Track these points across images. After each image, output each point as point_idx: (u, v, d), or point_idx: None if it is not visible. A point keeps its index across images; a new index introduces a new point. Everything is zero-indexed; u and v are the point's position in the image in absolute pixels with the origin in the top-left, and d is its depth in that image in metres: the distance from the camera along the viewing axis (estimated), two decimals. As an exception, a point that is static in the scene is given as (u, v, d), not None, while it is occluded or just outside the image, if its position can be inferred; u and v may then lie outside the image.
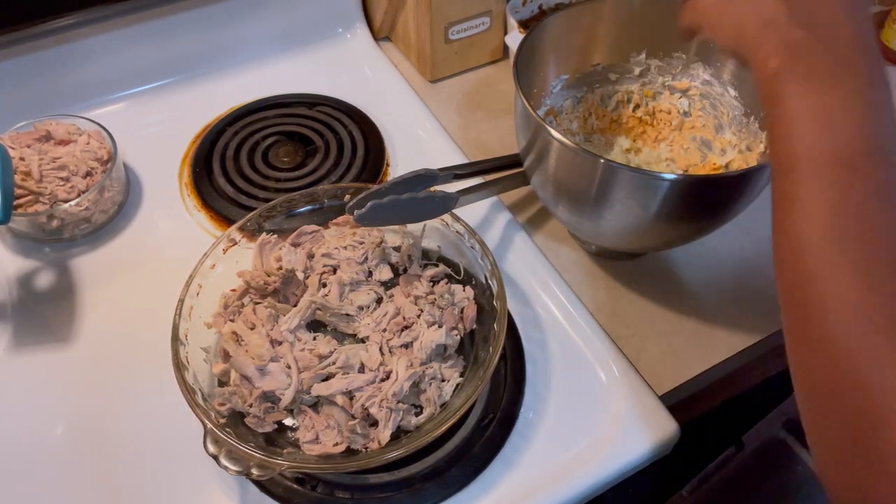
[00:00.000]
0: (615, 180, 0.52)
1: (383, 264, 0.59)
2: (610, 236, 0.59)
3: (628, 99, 0.70)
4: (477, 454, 0.53)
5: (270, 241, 0.59)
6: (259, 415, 0.50)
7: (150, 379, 0.56)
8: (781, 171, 0.35)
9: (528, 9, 0.82)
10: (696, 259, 0.66)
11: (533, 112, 0.53)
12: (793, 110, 0.35)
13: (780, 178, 0.36)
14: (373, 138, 0.76)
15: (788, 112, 0.35)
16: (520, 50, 0.58)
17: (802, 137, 0.34)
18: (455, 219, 0.58)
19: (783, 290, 0.35)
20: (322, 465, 0.48)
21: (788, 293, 0.35)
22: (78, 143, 0.67)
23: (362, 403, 0.50)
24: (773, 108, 0.36)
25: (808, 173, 0.34)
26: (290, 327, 0.54)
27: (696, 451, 0.63)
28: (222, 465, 0.45)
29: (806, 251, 0.33)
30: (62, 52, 0.73)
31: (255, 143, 0.75)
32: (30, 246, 0.66)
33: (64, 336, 0.60)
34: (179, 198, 0.71)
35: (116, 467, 0.52)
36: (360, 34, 0.88)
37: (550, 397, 0.56)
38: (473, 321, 0.56)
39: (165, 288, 0.57)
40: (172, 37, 0.78)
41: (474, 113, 0.80)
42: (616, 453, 0.53)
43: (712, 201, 0.54)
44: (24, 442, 0.54)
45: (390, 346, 0.54)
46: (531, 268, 0.64)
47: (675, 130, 0.69)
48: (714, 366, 0.59)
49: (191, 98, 0.80)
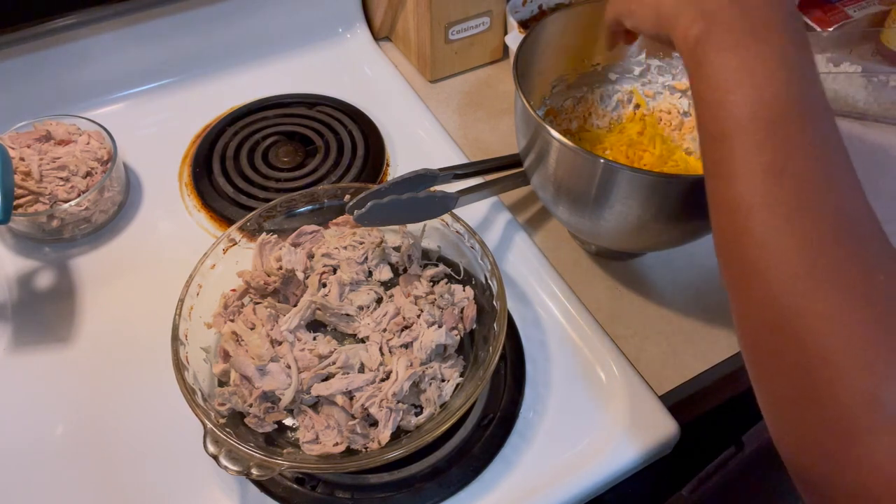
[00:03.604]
0: (615, 180, 0.52)
1: (383, 264, 0.59)
2: (610, 236, 0.59)
3: (628, 99, 0.70)
4: (477, 454, 0.53)
5: (270, 241, 0.59)
6: (259, 415, 0.50)
7: (150, 379, 0.56)
8: (710, 139, 0.35)
9: (528, 9, 0.82)
10: (696, 259, 0.66)
11: (533, 112, 0.53)
12: (715, 74, 0.35)
13: (709, 145, 0.36)
14: (373, 138, 0.76)
15: (711, 77, 0.35)
16: (520, 50, 0.58)
17: (727, 101, 0.34)
18: (455, 219, 0.58)
19: (722, 255, 0.35)
20: (322, 465, 0.48)
21: (728, 257, 0.35)
22: (78, 143, 0.67)
23: (362, 403, 0.50)
24: (697, 76, 0.36)
25: (737, 136, 0.34)
26: (290, 327, 0.54)
27: (696, 451, 0.62)
28: (222, 465, 0.45)
29: (743, 214, 0.33)
30: (62, 52, 0.73)
31: (255, 143, 0.75)
32: (30, 246, 0.66)
33: (64, 336, 0.60)
34: (179, 198, 0.71)
35: (116, 467, 0.52)
36: (360, 34, 0.88)
37: (550, 397, 0.56)
38: (473, 321, 0.56)
39: (165, 288, 0.57)
40: (172, 37, 0.78)
41: (474, 113, 0.80)
42: (616, 453, 0.53)
43: (712, 201, 0.54)
44: (24, 442, 0.54)
45: (390, 346, 0.54)
46: (531, 268, 0.64)
47: (675, 130, 0.69)
48: (714, 366, 0.59)
49: (191, 98, 0.80)
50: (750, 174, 0.33)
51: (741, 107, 0.34)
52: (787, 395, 0.32)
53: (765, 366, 0.33)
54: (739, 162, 0.33)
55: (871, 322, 0.29)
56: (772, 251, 0.32)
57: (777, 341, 0.32)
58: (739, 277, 0.34)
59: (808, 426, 0.31)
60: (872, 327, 0.29)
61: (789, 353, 0.31)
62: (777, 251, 0.32)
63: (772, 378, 0.33)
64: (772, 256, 0.32)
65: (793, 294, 0.31)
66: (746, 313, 0.34)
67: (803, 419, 0.31)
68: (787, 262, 0.31)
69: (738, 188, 0.33)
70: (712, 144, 0.35)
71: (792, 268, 0.31)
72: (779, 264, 0.32)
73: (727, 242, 0.35)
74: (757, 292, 0.32)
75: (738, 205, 0.33)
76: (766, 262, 0.32)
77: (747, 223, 0.33)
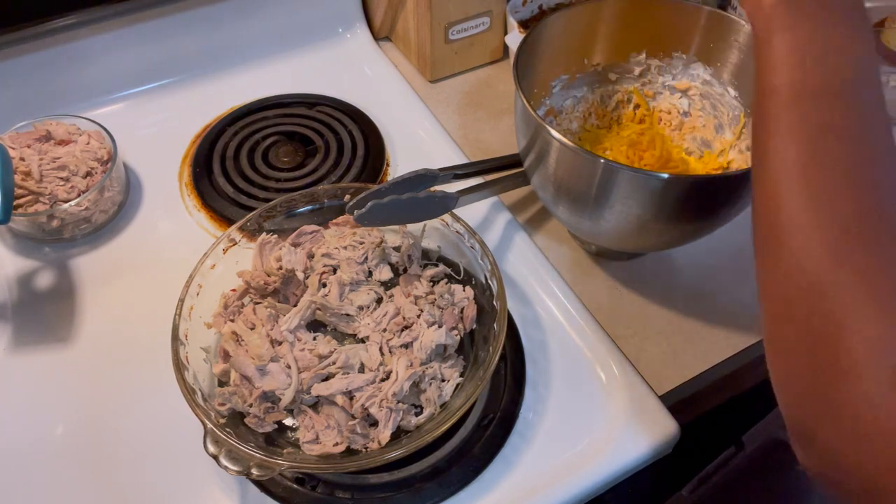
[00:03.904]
0: (615, 180, 0.52)
1: (383, 264, 0.59)
2: (610, 236, 0.59)
3: (628, 99, 0.70)
4: (477, 454, 0.53)
5: (270, 241, 0.59)
6: (259, 415, 0.50)
7: (150, 379, 0.56)
8: (762, 101, 0.37)
9: (528, 9, 0.82)
10: (696, 259, 0.66)
11: (533, 112, 0.53)
12: (777, 45, 0.37)
13: (762, 106, 0.37)
14: (373, 138, 0.76)
15: (774, 47, 0.37)
16: (520, 50, 0.58)
17: (782, 70, 0.36)
18: (455, 219, 0.58)
19: (757, 218, 0.37)
20: (322, 465, 0.48)
21: (762, 219, 0.36)
22: (78, 143, 0.67)
23: (362, 403, 0.50)
24: (761, 47, 0.38)
25: (786, 105, 0.35)
26: (290, 327, 0.54)
27: (696, 451, 0.62)
28: (222, 465, 0.45)
29: (780, 179, 0.35)
30: (62, 52, 0.73)
31: (255, 143, 0.75)
32: (30, 246, 0.66)
33: (64, 336, 0.60)
34: (179, 198, 0.71)
35: (116, 467, 0.52)
36: (360, 34, 0.88)
37: (550, 397, 0.56)
38: (473, 321, 0.56)
39: (165, 288, 0.57)
40: (172, 37, 0.78)
41: (474, 113, 0.80)
42: (616, 453, 0.53)
43: (712, 201, 0.54)
44: (24, 442, 0.54)
45: (390, 346, 0.54)
46: (531, 268, 0.64)
47: (675, 130, 0.69)
48: (714, 366, 0.59)
49: (191, 98, 0.80)
50: (791, 141, 0.35)
51: (794, 80, 0.35)
52: (799, 340, 0.33)
53: (780, 315, 0.34)
54: (783, 129, 0.35)
55: (892, 281, 0.31)
56: (797, 215, 0.33)
57: (796, 289, 0.33)
58: (769, 239, 0.35)
59: (813, 369, 0.32)
60: (891, 284, 0.31)
61: (808, 300, 0.32)
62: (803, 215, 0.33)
63: (786, 323, 0.34)
64: (798, 219, 0.33)
65: (814, 259, 0.32)
66: (773, 265, 0.35)
67: (810, 363, 0.32)
68: (813, 225, 0.33)
69: (779, 152, 0.35)
70: (763, 105, 0.37)
71: (823, 232, 0.33)
72: (806, 229, 0.33)
73: (761, 200, 0.36)
74: (785, 253, 0.34)
75: (774, 167, 0.35)
76: (794, 224, 0.34)
77: (780, 187, 0.35)
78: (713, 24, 0.63)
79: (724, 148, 0.66)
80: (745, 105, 0.64)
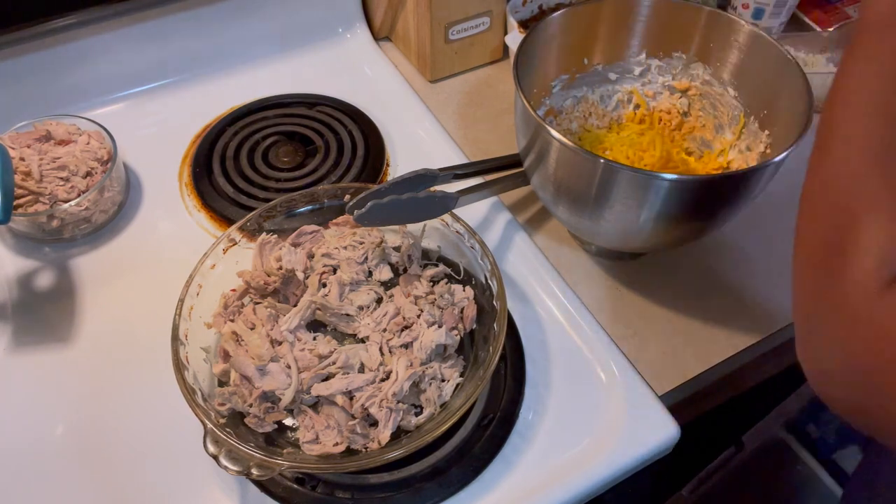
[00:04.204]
0: (615, 180, 0.52)
1: (383, 264, 0.59)
2: (610, 236, 0.59)
3: (628, 99, 0.70)
4: (477, 454, 0.53)
5: (270, 241, 0.59)
6: (259, 415, 0.50)
7: (150, 379, 0.56)
8: (855, 34, 0.38)
9: (528, 9, 0.82)
10: (696, 259, 0.66)
11: (533, 112, 0.53)
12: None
13: (853, 37, 0.38)
14: (373, 138, 0.76)
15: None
16: (520, 50, 0.58)
17: (876, 3, 0.38)
18: (455, 219, 0.58)
19: (817, 134, 0.38)
20: (322, 465, 0.48)
21: (818, 133, 0.38)
22: (78, 143, 0.67)
23: (362, 403, 0.50)
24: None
25: (875, 32, 0.37)
26: (290, 327, 0.54)
27: (696, 451, 0.63)
28: (222, 465, 0.45)
29: (843, 96, 0.37)
30: (62, 52, 0.73)
31: (255, 143, 0.75)
32: (30, 246, 0.66)
33: (64, 336, 0.60)
34: (179, 198, 0.71)
35: (116, 467, 0.52)
36: (360, 34, 0.88)
37: (550, 397, 0.56)
38: (473, 321, 0.56)
39: (165, 288, 0.57)
40: (172, 37, 0.78)
41: (474, 113, 0.80)
42: (616, 453, 0.53)
43: (712, 201, 0.54)
44: (24, 442, 0.54)
45: (390, 346, 0.54)
46: (531, 268, 0.64)
47: (675, 130, 0.69)
48: (714, 366, 0.59)
49: (191, 98, 0.80)
50: (865, 57, 0.37)
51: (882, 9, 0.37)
52: (816, 232, 0.35)
53: (808, 212, 0.37)
54: (865, 44, 0.37)
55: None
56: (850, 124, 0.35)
57: (827, 188, 0.35)
58: (822, 140, 0.37)
59: (825, 257, 0.34)
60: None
61: (834, 195, 0.35)
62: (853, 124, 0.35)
63: (812, 220, 0.36)
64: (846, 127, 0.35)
65: (859, 154, 0.34)
66: (814, 172, 0.37)
67: (824, 252, 0.34)
68: (866, 136, 0.35)
69: (850, 67, 0.37)
70: (854, 34, 0.39)
71: (867, 141, 0.35)
72: (857, 137, 0.35)
73: (828, 106, 0.38)
74: (828, 159, 0.36)
75: (846, 89, 0.37)
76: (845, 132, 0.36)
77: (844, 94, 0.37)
78: (713, 24, 0.63)
79: (723, 148, 0.66)
80: (744, 105, 0.64)
